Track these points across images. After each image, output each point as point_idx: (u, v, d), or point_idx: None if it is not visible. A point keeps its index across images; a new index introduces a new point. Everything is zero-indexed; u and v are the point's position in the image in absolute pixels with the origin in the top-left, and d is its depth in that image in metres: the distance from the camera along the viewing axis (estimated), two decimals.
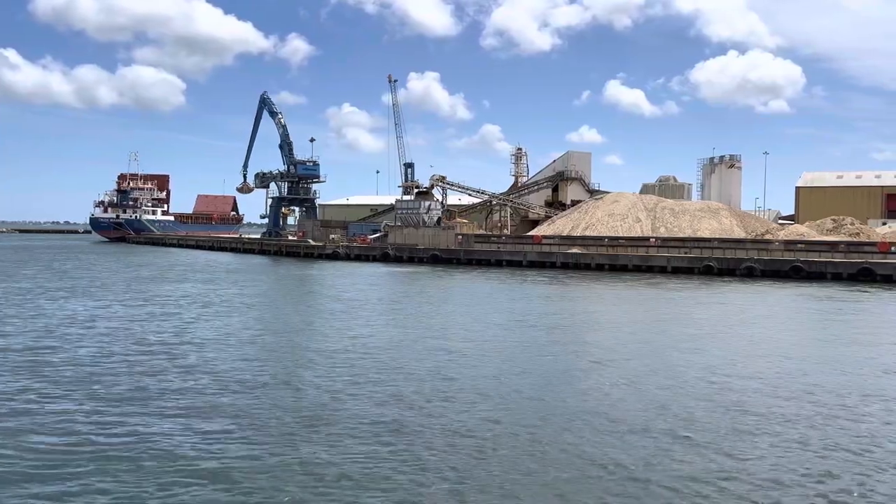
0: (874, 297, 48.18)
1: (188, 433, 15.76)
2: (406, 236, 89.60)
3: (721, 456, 14.56)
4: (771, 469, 13.87)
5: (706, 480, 13.22)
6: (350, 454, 14.50)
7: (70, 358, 23.79)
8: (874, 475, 13.62)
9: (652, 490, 12.82)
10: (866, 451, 14.97)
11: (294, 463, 14.04)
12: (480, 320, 34.17)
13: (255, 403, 18.35)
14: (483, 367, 22.99)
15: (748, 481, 13.23)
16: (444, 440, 15.45)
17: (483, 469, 13.76)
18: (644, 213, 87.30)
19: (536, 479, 13.33)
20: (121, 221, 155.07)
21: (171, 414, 17.28)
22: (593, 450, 14.91)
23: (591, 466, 13.96)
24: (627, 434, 15.96)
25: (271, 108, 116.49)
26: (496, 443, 15.31)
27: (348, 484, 13.02)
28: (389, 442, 15.26)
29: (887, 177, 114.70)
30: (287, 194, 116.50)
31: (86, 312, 35.57)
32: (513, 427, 16.46)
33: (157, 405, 18.02)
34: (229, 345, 26.86)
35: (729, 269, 64.83)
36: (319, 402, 18.46)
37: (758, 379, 21.69)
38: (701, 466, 13.96)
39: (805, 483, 13.20)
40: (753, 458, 14.52)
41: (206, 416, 17.13)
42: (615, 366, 23.56)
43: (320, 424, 16.52)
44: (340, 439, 15.43)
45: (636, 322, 35.56)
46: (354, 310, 38.22)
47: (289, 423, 16.62)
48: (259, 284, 54.98)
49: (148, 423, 16.49)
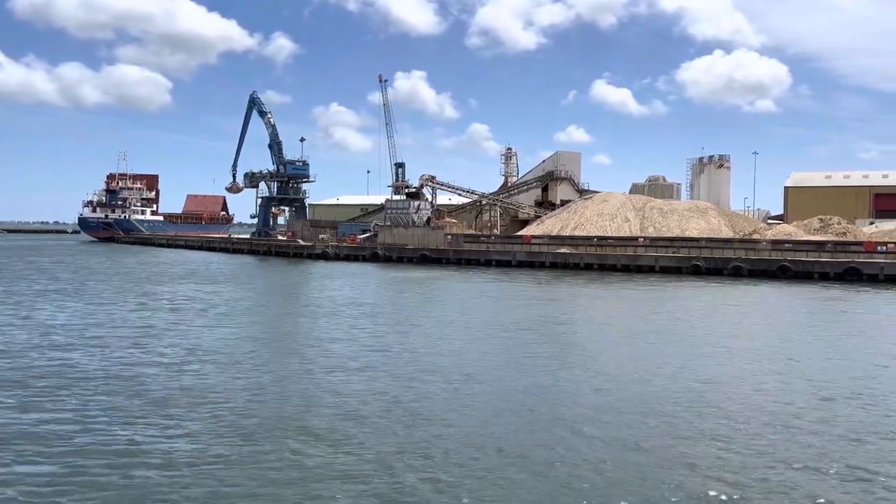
0: (850, 296, 48.39)
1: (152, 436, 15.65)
2: (396, 236, 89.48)
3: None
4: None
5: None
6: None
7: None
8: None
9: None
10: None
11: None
12: (463, 328, 34.07)
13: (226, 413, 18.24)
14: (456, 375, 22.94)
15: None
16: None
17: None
18: (633, 212, 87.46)
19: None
20: (110, 221, 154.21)
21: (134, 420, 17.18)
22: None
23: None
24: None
25: (261, 107, 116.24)
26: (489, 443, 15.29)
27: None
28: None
29: (875, 177, 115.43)
30: (277, 194, 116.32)
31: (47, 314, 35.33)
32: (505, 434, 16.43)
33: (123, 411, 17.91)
34: (193, 354, 26.67)
35: (717, 269, 64.96)
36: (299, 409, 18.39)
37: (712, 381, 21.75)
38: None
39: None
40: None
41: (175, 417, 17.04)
42: (593, 368, 23.57)
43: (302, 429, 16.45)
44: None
45: (622, 324, 35.58)
46: (338, 314, 38.05)
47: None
48: (243, 287, 54.73)
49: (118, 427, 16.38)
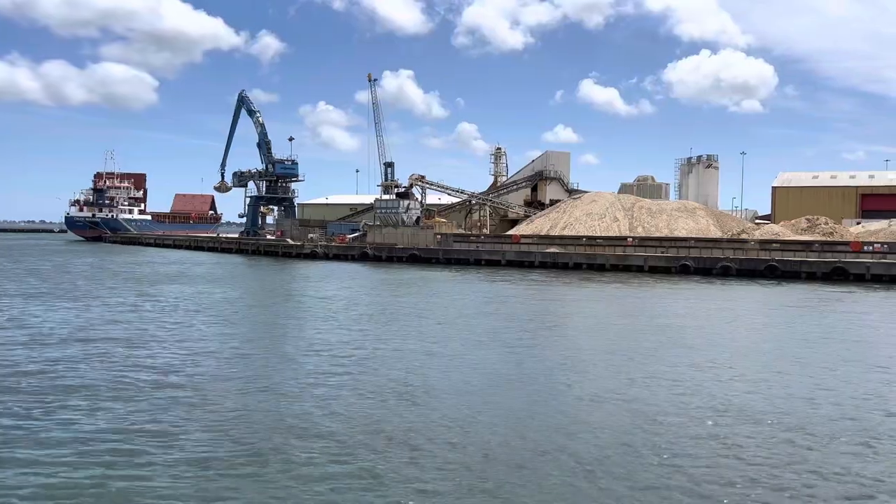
0: (832, 296, 48.70)
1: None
2: (385, 236, 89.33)
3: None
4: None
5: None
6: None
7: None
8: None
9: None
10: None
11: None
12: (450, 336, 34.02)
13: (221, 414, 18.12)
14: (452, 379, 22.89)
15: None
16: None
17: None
18: (622, 212, 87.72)
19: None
20: (97, 220, 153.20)
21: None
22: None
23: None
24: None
25: (249, 106, 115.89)
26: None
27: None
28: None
29: (862, 177, 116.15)
30: (265, 193, 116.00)
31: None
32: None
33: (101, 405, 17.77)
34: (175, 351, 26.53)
35: (705, 269, 65.22)
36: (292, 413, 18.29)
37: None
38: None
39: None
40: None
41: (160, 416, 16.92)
42: (582, 369, 23.59)
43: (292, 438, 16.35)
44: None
45: (608, 326, 35.65)
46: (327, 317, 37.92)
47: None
48: (232, 288, 54.50)
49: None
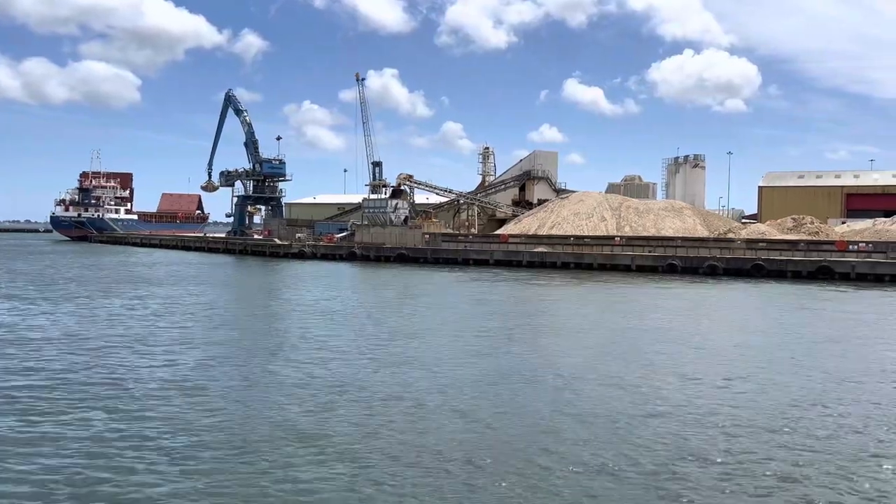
0: (821, 294, 49.06)
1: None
2: (373, 235, 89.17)
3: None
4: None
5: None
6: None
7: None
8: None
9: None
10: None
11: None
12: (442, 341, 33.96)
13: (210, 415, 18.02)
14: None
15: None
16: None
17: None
18: (609, 212, 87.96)
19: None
20: (83, 220, 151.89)
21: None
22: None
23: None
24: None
25: (236, 105, 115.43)
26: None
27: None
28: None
29: (847, 177, 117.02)
30: (253, 193, 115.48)
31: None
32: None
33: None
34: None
35: (692, 268, 65.56)
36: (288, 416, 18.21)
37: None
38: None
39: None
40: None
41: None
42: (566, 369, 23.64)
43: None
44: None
45: (599, 328, 35.74)
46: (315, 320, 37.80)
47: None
48: (219, 289, 54.25)
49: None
